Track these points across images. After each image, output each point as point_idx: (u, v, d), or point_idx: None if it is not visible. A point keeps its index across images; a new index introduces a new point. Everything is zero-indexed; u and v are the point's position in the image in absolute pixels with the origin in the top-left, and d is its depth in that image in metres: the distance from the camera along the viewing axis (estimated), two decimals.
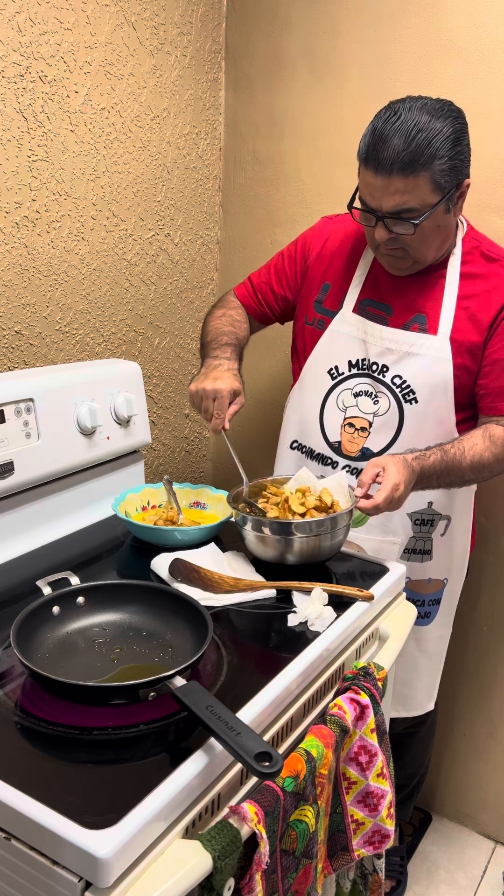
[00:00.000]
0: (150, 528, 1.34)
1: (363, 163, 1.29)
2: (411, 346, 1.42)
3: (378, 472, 1.25)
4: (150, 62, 1.71)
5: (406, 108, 1.25)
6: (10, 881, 0.77)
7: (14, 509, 1.33)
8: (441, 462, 1.32)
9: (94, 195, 1.64)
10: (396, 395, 1.43)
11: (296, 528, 1.22)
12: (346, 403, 1.48)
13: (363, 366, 1.46)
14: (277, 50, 1.86)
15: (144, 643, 1.03)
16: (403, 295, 1.44)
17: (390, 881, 1.81)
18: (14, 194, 1.47)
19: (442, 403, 1.43)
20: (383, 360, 1.44)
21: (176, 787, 0.78)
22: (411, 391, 1.42)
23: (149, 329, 1.88)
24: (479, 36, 1.60)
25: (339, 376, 1.49)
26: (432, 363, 1.41)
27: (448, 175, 1.27)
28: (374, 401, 1.45)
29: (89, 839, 0.70)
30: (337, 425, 1.49)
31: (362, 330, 1.46)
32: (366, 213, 1.33)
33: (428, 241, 1.34)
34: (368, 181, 1.29)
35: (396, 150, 1.23)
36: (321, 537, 1.23)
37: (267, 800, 0.84)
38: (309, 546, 1.23)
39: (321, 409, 1.51)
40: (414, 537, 1.51)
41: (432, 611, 1.59)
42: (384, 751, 1.09)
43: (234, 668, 1.01)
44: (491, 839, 2.02)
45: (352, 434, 1.48)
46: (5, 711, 0.90)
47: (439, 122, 1.24)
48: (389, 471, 1.24)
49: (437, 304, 1.42)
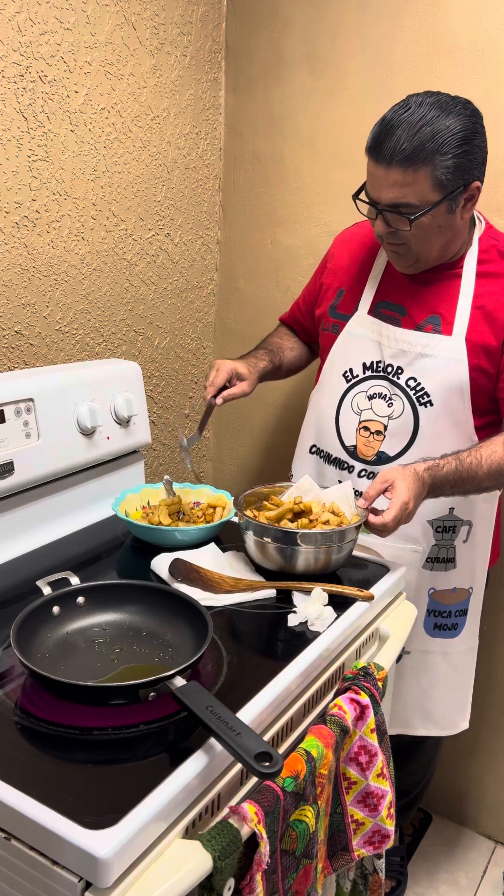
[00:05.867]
0: (150, 528, 1.34)
1: (367, 152, 1.27)
2: (424, 346, 1.39)
3: (386, 488, 1.22)
4: (150, 62, 1.71)
5: (418, 102, 1.24)
6: (10, 881, 0.77)
7: (14, 509, 1.33)
8: (455, 472, 1.28)
9: (94, 195, 1.64)
10: (410, 397, 1.41)
11: (301, 538, 1.19)
12: (361, 406, 1.46)
13: (378, 368, 1.44)
14: (277, 50, 1.86)
15: (144, 643, 1.03)
16: (417, 296, 1.42)
17: (390, 881, 1.81)
18: (14, 194, 1.47)
19: (458, 406, 1.39)
20: (398, 361, 1.42)
21: (176, 788, 0.78)
22: (426, 394, 1.39)
23: (149, 329, 1.88)
24: (479, 36, 1.60)
25: (354, 378, 1.47)
26: (447, 365, 1.38)
27: (452, 173, 1.24)
28: (388, 403, 1.43)
29: (89, 839, 0.70)
30: (352, 429, 1.47)
31: (377, 332, 1.44)
32: (368, 205, 1.32)
33: (430, 240, 1.32)
34: (371, 171, 1.28)
35: (399, 142, 1.21)
36: (330, 549, 1.21)
37: (267, 800, 0.84)
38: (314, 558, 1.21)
39: (337, 413, 1.49)
40: (436, 545, 1.47)
41: (460, 622, 1.54)
42: (384, 751, 1.09)
43: (234, 668, 1.01)
44: (491, 839, 2.02)
45: (367, 438, 1.45)
46: (5, 711, 0.90)
47: (449, 119, 1.22)
48: (398, 488, 1.20)
49: (453, 305, 1.39)
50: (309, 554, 1.20)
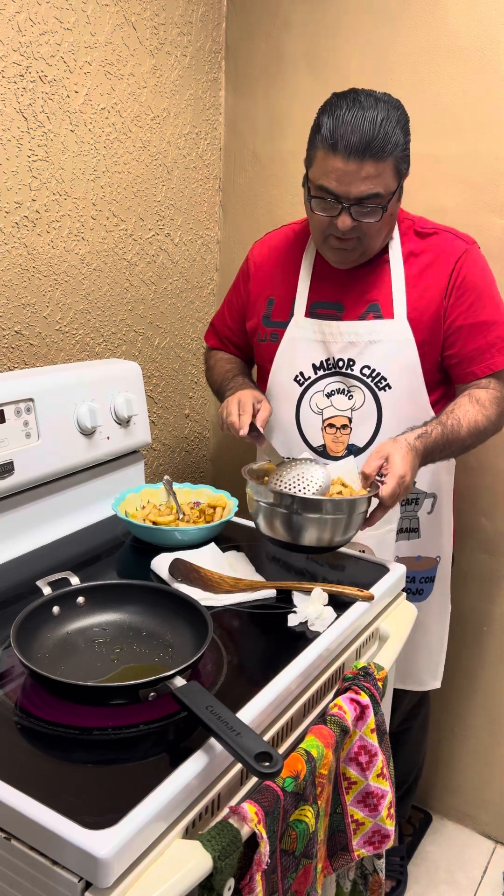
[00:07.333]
0: (150, 527, 1.34)
1: (330, 148, 1.27)
2: (371, 334, 1.42)
3: (381, 464, 1.24)
4: (150, 62, 1.71)
5: (363, 97, 1.28)
6: (10, 881, 0.77)
7: (14, 509, 1.33)
8: (442, 436, 1.32)
9: (94, 195, 1.64)
10: (369, 385, 1.44)
11: (314, 506, 1.18)
12: (321, 405, 1.47)
13: (329, 365, 1.46)
14: (277, 50, 1.86)
15: (144, 643, 1.03)
16: (351, 289, 1.45)
17: (390, 881, 1.81)
18: (14, 194, 1.47)
19: (414, 385, 1.43)
20: (348, 354, 1.44)
21: (176, 788, 0.78)
22: (382, 378, 1.43)
23: (149, 329, 1.88)
24: (479, 36, 1.60)
25: (307, 381, 1.48)
26: (397, 346, 1.42)
27: (404, 162, 1.31)
28: (348, 396, 1.45)
29: (89, 839, 0.70)
30: (317, 429, 1.48)
31: (319, 331, 1.46)
32: (329, 203, 1.31)
33: (381, 230, 1.36)
34: (337, 167, 1.27)
35: (367, 136, 1.24)
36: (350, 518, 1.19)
37: (267, 800, 0.84)
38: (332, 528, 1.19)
39: (297, 418, 1.49)
40: (401, 517, 1.51)
41: (425, 588, 1.59)
42: (384, 751, 1.09)
43: (234, 668, 1.01)
44: (491, 839, 2.02)
45: (334, 434, 1.47)
46: (5, 711, 0.90)
47: (393, 112, 1.28)
48: (394, 462, 1.22)
49: (387, 289, 1.43)
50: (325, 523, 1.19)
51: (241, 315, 1.61)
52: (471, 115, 1.65)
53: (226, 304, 1.66)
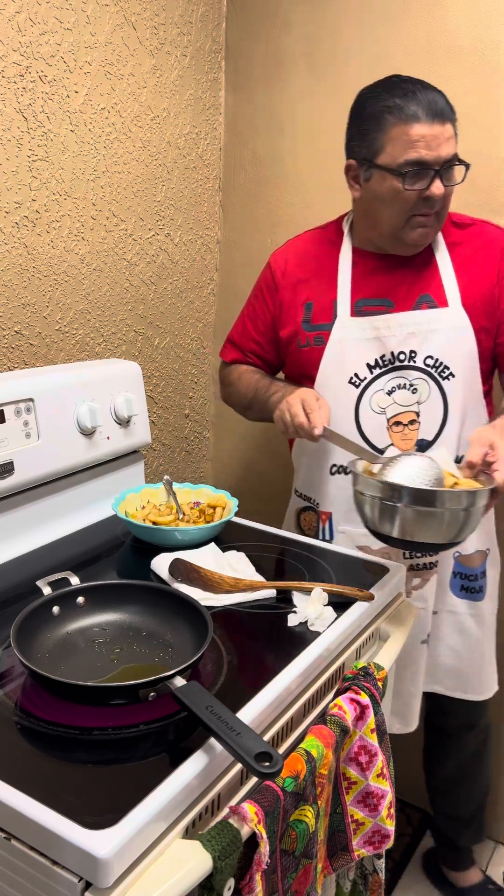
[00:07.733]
0: (150, 527, 1.34)
1: (412, 118, 1.28)
2: (430, 322, 1.41)
3: (486, 452, 1.18)
4: (150, 62, 1.71)
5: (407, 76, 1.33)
6: (10, 881, 0.77)
7: (14, 509, 1.33)
8: None
9: (94, 195, 1.64)
10: (433, 375, 1.41)
11: (442, 498, 1.11)
12: (382, 405, 1.43)
13: (385, 362, 1.43)
14: (277, 50, 1.86)
15: (144, 643, 1.03)
16: (399, 283, 1.43)
17: None
18: (14, 194, 1.47)
19: (473, 373, 1.43)
20: (408, 346, 1.41)
21: (176, 788, 0.78)
22: (445, 367, 1.41)
23: (149, 329, 1.88)
24: (479, 36, 1.60)
25: (363, 381, 1.44)
26: (456, 334, 1.41)
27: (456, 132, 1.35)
28: (411, 391, 1.42)
29: (89, 839, 0.70)
30: (382, 429, 1.44)
31: (371, 328, 1.42)
32: (420, 174, 1.31)
33: (449, 205, 1.38)
34: (423, 133, 1.28)
35: (441, 100, 1.30)
36: (469, 512, 1.12)
37: (267, 800, 0.84)
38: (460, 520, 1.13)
39: (356, 420, 1.44)
40: None
41: (484, 584, 1.54)
42: (384, 751, 1.09)
43: (234, 668, 1.01)
44: (491, 839, 2.01)
45: (401, 431, 1.43)
46: (5, 711, 0.90)
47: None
48: (500, 447, 1.17)
49: (437, 279, 1.42)
50: (456, 516, 1.13)
51: (269, 326, 1.55)
52: (471, 114, 1.64)
53: (247, 319, 1.59)
